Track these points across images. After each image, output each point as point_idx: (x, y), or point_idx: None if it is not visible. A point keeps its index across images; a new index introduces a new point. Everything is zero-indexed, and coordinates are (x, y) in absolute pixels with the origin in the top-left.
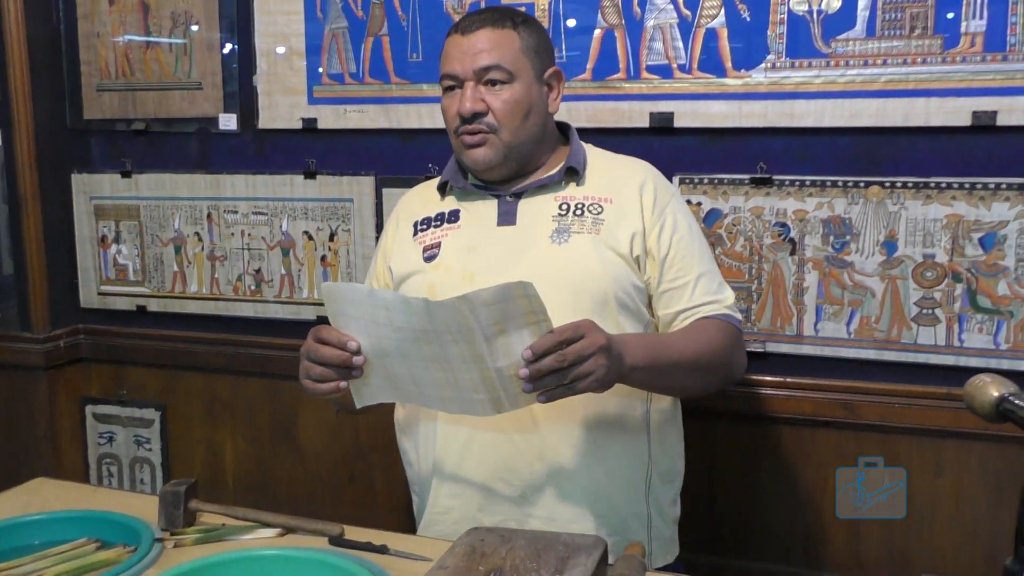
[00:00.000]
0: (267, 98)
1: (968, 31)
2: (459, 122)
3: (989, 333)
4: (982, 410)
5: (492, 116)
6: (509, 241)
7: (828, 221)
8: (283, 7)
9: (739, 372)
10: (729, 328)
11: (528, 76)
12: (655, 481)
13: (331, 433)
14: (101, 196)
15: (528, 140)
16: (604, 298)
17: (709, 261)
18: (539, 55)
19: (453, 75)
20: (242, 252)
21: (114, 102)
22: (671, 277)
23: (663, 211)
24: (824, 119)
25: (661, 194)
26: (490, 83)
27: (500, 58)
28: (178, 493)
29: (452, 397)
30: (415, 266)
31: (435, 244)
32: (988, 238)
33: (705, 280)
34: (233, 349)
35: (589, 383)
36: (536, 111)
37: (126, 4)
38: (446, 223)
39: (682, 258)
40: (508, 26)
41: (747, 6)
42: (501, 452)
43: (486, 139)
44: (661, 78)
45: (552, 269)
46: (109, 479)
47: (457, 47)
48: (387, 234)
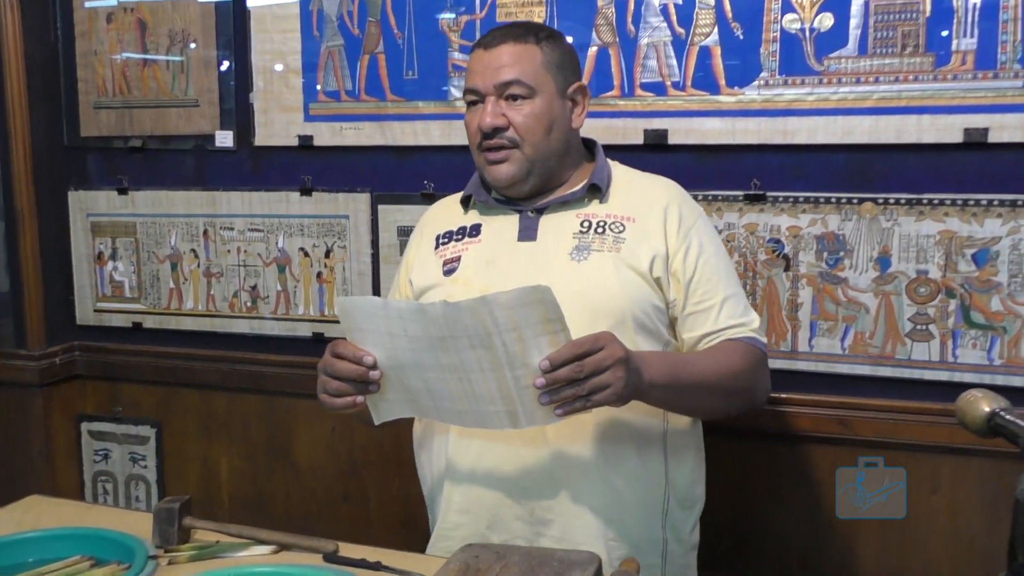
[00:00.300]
0: (263, 115)
1: (959, 49)
2: (480, 137)
3: (983, 349)
4: (973, 425)
5: (513, 131)
6: (528, 257)
7: (822, 237)
8: (280, 25)
9: (762, 397)
10: (753, 351)
11: (550, 91)
12: (673, 505)
13: (326, 450)
14: (98, 213)
15: (551, 155)
16: (622, 317)
17: (735, 284)
18: (562, 70)
19: (475, 90)
20: (238, 269)
21: (111, 119)
22: (696, 300)
23: (688, 233)
24: (817, 136)
25: (687, 215)
26: (511, 98)
27: (521, 73)
28: (172, 510)
29: (469, 410)
30: (434, 279)
31: (455, 258)
32: (981, 254)
33: (731, 303)
34: (229, 366)
35: (606, 396)
36: (558, 126)
37: (124, 22)
38: (467, 237)
39: (707, 281)
40: (531, 41)
41: (740, 24)
42: (512, 471)
43: (509, 155)
44: (655, 95)
45: (570, 287)
46: (105, 497)
47: (479, 62)
48: (411, 247)
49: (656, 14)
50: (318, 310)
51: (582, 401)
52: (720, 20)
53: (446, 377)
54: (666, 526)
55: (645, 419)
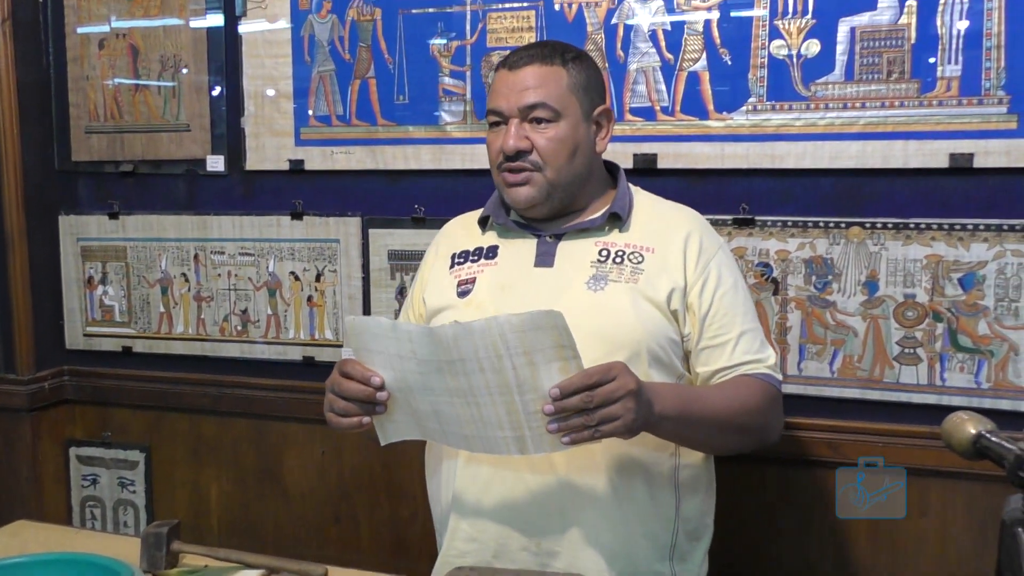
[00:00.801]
0: (255, 140)
1: (944, 75)
2: (502, 158)
3: (970, 372)
4: (959, 447)
5: (536, 154)
6: (544, 283)
7: (810, 261)
8: (271, 51)
9: (775, 435)
10: (768, 389)
11: (575, 114)
12: (681, 538)
13: (316, 474)
14: (88, 237)
15: (573, 179)
16: (637, 349)
17: (752, 319)
18: (588, 93)
19: (498, 111)
20: (228, 293)
21: (102, 144)
22: (711, 334)
23: (707, 265)
24: (805, 160)
25: (706, 247)
26: (535, 120)
27: (546, 96)
28: (160, 535)
29: (476, 435)
30: (448, 300)
31: (470, 279)
32: (968, 278)
33: (747, 338)
34: (218, 390)
35: (615, 427)
36: (582, 150)
37: (116, 48)
38: (484, 259)
39: (723, 315)
40: (557, 63)
41: (728, 50)
42: (520, 501)
43: (530, 177)
44: (644, 120)
45: (585, 316)
46: (92, 522)
47: (504, 83)
48: (425, 263)
49: (645, 40)
50: (308, 334)
51: (591, 431)
52: (708, 46)
53: (454, 401)
54: (674, 559)
55: (656, 454)
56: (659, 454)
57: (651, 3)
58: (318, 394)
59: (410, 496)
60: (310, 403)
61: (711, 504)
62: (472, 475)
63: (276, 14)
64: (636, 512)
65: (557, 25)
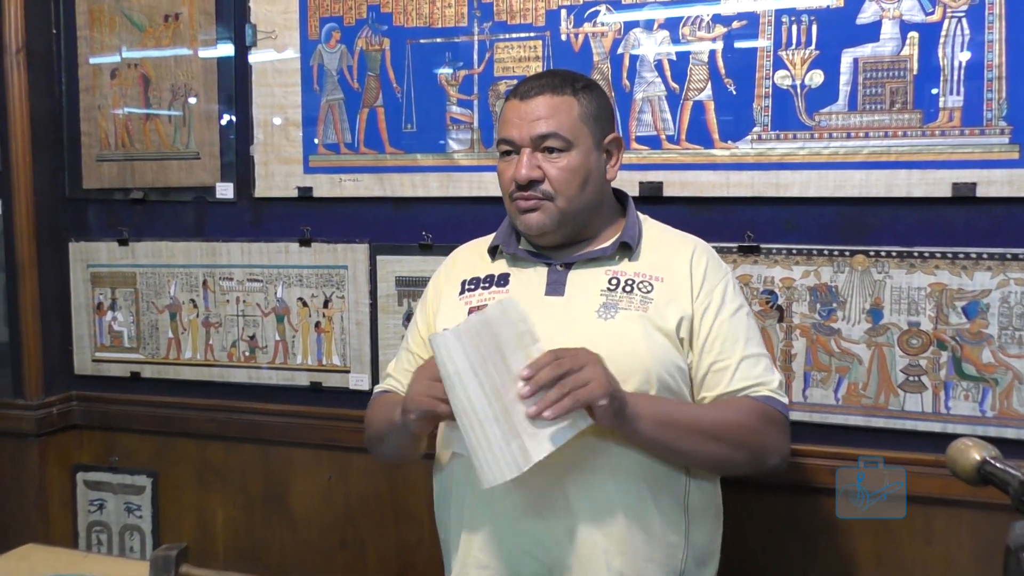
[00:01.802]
0: (263, 167)
1: (946, 106)
2: (514, 187)
3: (975, 400)
4: (964, 474)
5: (548, 184)
6: (555, 312)
7: (815, 289)
8: (280, 79)
9: (775, 456)
10: (765, 409)
11: (587, 144)
12: (690, 564)
13: (322, 499)
14: (98, 264)
15: (584, 208)
16: (647, 377)
17: (756, 345)
18: (599, 122)
19: (510, 140)
20: (237, 318)
21: (113, 172)
22: (711, 360)
23: (711, 292)
24: (809, 189)
25: (711, 275)
26: (547, 150)
27: (558, 126)
28: (169, 558)
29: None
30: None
31: (481, 307)
32: (971, 306)
33: (748, 363)
34: (225, 415)
35: (591, 390)
36: (594, 179)
37: (128, 77)
38: (495, 286)
39: (723, 340)
40: (568, 92)
41: (733, 80)
42: (531, 526)
43: (541, 205)
44: (650, 148)
45: (596, 345)
46: (99, 547)
47: (515, 112)
48: (433, 289)
49: (651, 69)
50: (316, 360)
51: (569, 399)
52: (713, 76)
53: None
54: None
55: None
56: (669, 480)
57: (656, 34)
58: (325, 419)
59: (417, 521)
60: (317, 428)
61: (719, 530)
62: (483, 500)
63: (285, 44)
64: (646, 538)
65: (564, 55)
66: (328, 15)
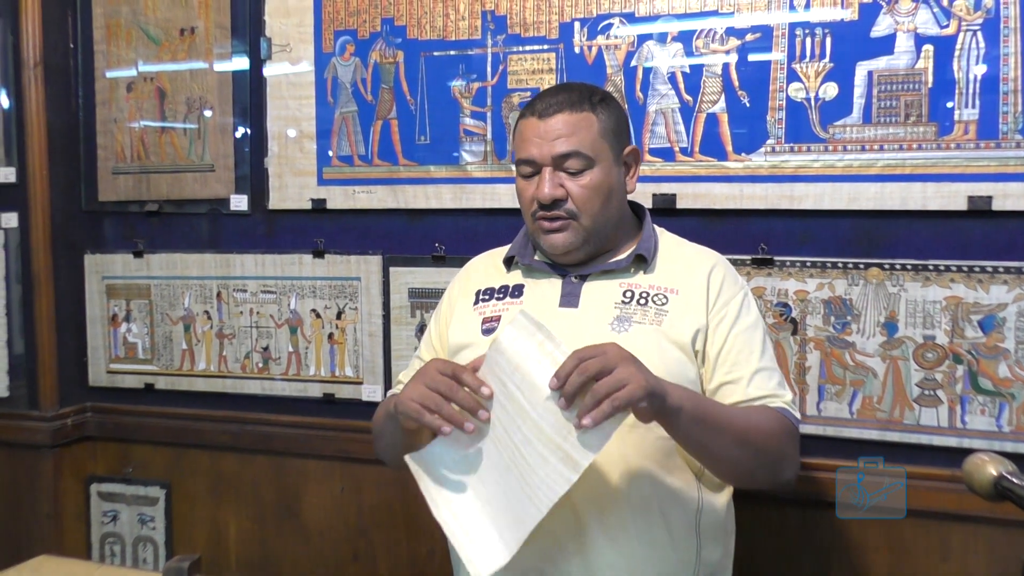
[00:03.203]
0: (278, 179)
1: (962, 119)
2: (536, 207)
3: (991, 415)
4: (981, 489)
5: (571, 202)
6: (569, 324)
7: (829, 302)
8: (295, 92)
9: (790, 470)
10: (784, 421)
11: (608, 159)
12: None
13: (335, 511)
14: (113, 276)
15: (607, 224)
16: None
17: (769, 360)
18: (618, 136)
19: (531, 160)
20: (250, 330)
21: (128, 184)
22: (726, 370)
23: (727, 305)
24: (824, 201)
25: (727, 288)
26: (569, 168)
27: (579, 144)
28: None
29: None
30: (472, 338)
31: (495, 317)
32: (987, 320)
33: (762, 376)
34: (239, 427)
35: (631, 391)
36: (615, 194)
37: (143, 91)
38: (509, 297)
39: (738, 352)
40: (586, 108)
41: (747, 92)
42: (541, 540)
43: (566, 225)
44: (664, 161)
45: None
46: (112, 559)
47: (534, 131)
48: (447, 300)
49: (664, 82)
50: (329, 371)
51: (608, 403)
52: (727, 88)
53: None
54: None
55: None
56: (681, 500)
57: (670, 46)
58: (338, 431)
59: (428, 533)
60: (330, 440)
61: (731, 547)
62: None
63: (300, 57)
64: (656, 555)
65: (577, 67)
66: (342, 28)
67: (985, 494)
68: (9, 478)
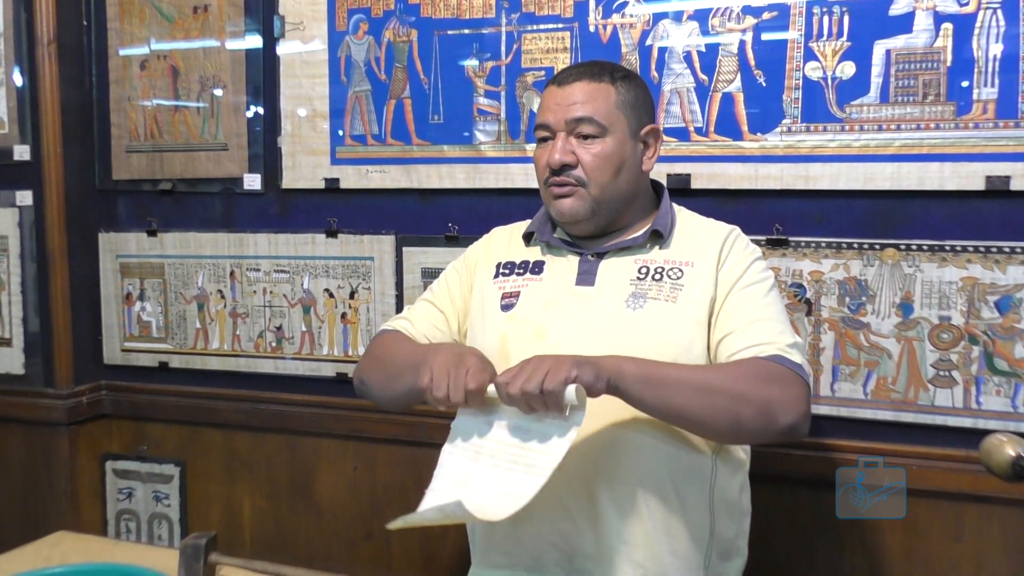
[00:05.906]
0: (291, 159)
1: (980, 98)
2: (548, 173)
3: (1007, 396)
4: (998, 469)
5: (581, 170)
6: (584, 302)
7: (844, 282)
8: (308, 71)
9: (787, 414)
10: (769, 364)
11: (622, 132)
12: (714, 559)
13: (348, 490)
14: (127, 254)
15: (617, 197)
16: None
17: (772, 312)
18: (636, 111)
19: (546, 125)
20: (264, 309)
21: (142, 163)
22: (723, 325)
23: (733, 267)
24: (839, 182)
25: (736, 252)
26: (582, 136)
27: (594, 111)
28: (199, 546)
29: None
30: (491, 313)
31: (514, 293)
32: (1004, 301)
33: (759, 325)
34: (252, 405)
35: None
36: (628, 168)
37: (157, 69)
38: (529, 272)
39: (736, 306)
40: (606, 80)
41: (763, 72)
42: (555, 517)
43: (574, 191)
44: (679, 140)
45: (624, 335)
46: (127, 535)
47: (552, 98)
48: (468, 260)
49: (679, 61)
50: (342, 350)
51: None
52: (743, 67)
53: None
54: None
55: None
56: (694, 474)
57: (685, 25)
58: (351, 410)
59: None
60: (343, 419)
61: (745, 525)
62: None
63: (313, 35)
64: (669, 530)
65: (592, 46)
66: (356, 6)
67: (1003, 474)
68: (26, 455)
